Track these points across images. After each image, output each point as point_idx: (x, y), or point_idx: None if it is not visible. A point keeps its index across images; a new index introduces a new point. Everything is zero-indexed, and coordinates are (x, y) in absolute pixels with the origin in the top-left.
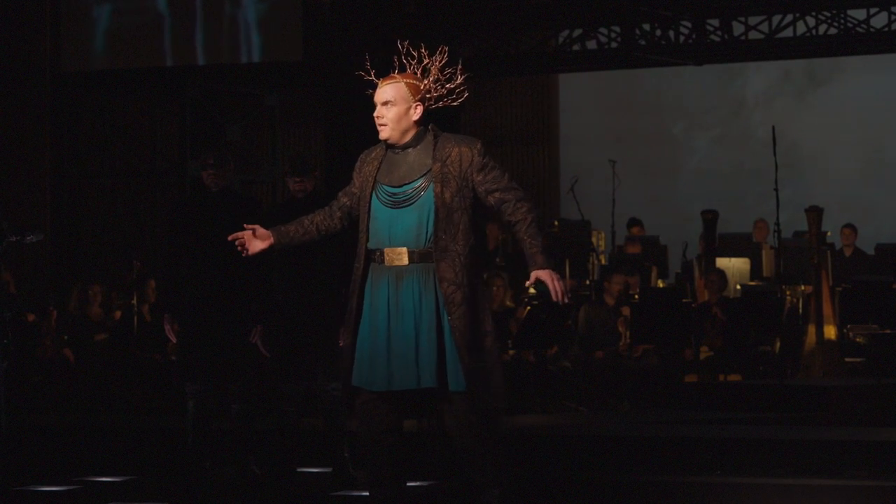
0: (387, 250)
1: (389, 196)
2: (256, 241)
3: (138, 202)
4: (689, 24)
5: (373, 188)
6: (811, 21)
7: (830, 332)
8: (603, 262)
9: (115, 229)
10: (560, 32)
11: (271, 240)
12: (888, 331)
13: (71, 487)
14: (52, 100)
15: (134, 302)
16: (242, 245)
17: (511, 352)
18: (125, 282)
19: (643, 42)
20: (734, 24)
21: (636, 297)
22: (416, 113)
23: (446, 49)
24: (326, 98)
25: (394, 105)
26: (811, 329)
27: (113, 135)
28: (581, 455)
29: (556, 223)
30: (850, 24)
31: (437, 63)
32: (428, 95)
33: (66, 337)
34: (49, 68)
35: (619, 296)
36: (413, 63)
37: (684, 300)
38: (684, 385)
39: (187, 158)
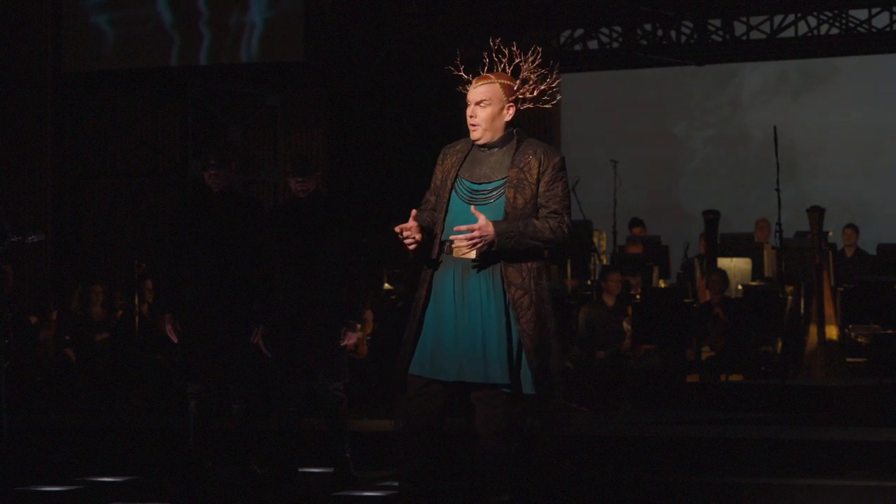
0: (457, 241)
1: (468, 191)
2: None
3: (140, 202)
4: (690, 24)
5: (454, 181)
6: (812, 21)
7: (832, 332)
8: (604, 262)
9: (117, 229)
10: (561, 32)
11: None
12: (890, 331)
13: (72, 487)
14: (53, 100)
15: (135, 302)
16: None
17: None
18: (127, 282)
19: (645, 42)
20: (735, 24)
21: (637, 297)
22: (509, 114)
23: (540, 49)
24: (328, 98)
25: (488, 105)
26: (813, 329)
27: (114, 135)
28: (582, 455)
29: None
30: (851, 24)
31: (530, 63)
32: (521, 96)
33: (67, 337)
34: (51, 69)
35: (620, 295)
36: (504, 62)
37: (686, 300)
38: (686, 385)
39: (189, 158)
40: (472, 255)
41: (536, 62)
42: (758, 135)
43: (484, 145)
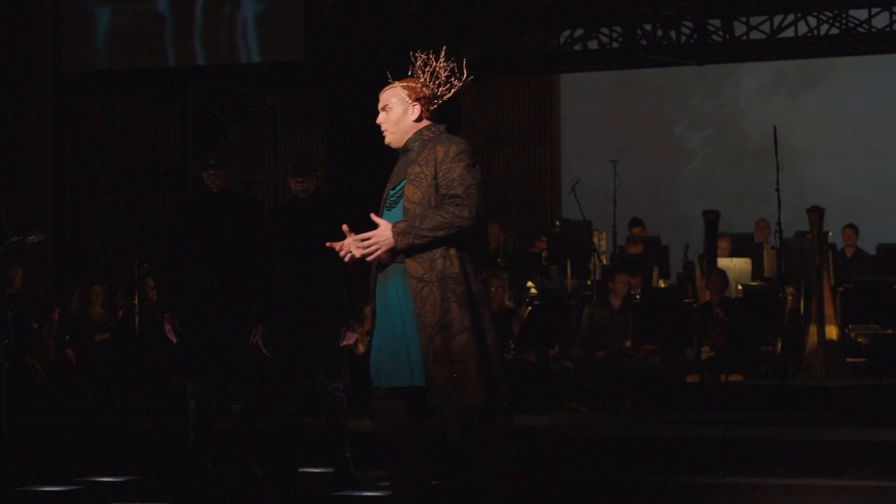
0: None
1: (387, 199)
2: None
3: (140, 202)
4: (690, 25)
5: (383, 193)
6: (812, 21)
7: (832, 332)
8: (604, 262)
9: (117, 229)
10: (561, 32)
11: None
12: (890, 331)
13: (72, 487)
14: (53, 100)
15: (136, 302)
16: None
17: (511, 352)
18: (127, 282)
19: (644, 42)
20: (735, 24)
21: (638, 297)
22: (415, 114)
23: (445, 49)
24: (328, 98)
25: (391, 109)
26: (813, 329)
27: (114, 135)
28: (583, 455)
29: (557, 223)
30: (851, 25)
31: (434, 62)
32: (424, 94)
33: (67, 337)
34: (51, 69)
35: (626, 296)
36: (418, 66)
37: (686, 300)
38: (686, 385)
39: (189, 158)
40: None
41: (445, 62)
42: (757, 135)
43: (402, 149)
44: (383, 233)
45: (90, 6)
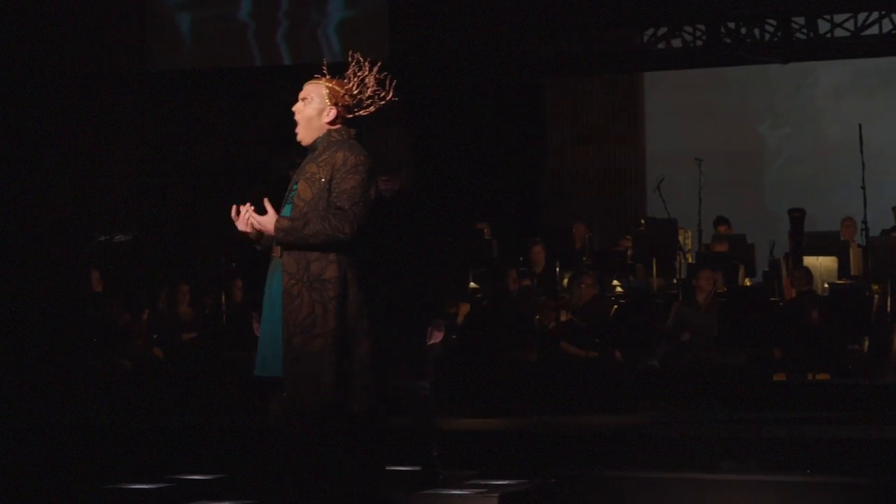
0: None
1: (289, 193)
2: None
3: (223, 201)
4: (774, 22)
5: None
6: None
7: None
8: (690, 260)
9: (201, 229)
10: (645, 31)
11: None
12: None
13: (161, 485)
14: (137, 99)
15: (222, 301)
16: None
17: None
18: (214, 281)
19: (728, 40)
20: (819, 21)
21: (722, 290)
22: (329, 116)
23: (379, 64)
24: (412, 96)
25: (309, 103)
26: None
27: (198, 134)
28: (669, 454)
29: (642, 222)
30: None
31: (366, 73)
32: (344, 100)
33: (155, 336)
34: (134, 68)
35: (711, 293)
36: (350, 71)
37: (772, 299)
38: (772, 384)
39: (273, 157)
40: (277, 254)
41: (373, 73)
42: (836, 133)
43: (308, 148)
44: (268, 222)
45: (173, 5)
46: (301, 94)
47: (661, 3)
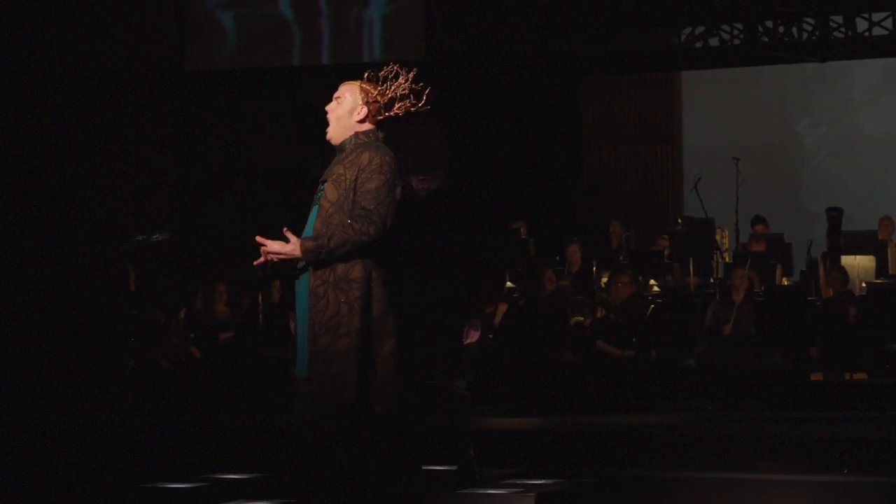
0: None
1: (316, 194)
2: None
3: (261, 201)
4: (812, 21)
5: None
6: None
7: None
8: (727, 259)
9: (239, 228)
10: (683, 30)
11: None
12: None
13: (197, 485)
14: (176, 99)
15: (259, 301)
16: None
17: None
18: (251, 281)
19: (766, 39)
20: (857, 20)
21: (761, 294)
22: (358, 115)
23: (415, 71)
24: (449, 96)
25: (340, 101)
26: None
27: (236, 134)
28: (705, 454)
29: (679, 221)
30: None
31: (402, 77)
32: (377, 101)
33: (192, 335)
34: (173, 68)
35: (748, 291)
36: (385, 72)
37: (809, 298)
38: (810, 383)
39: (311, 157)
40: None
41: (407, 77)
42: (874, 132)
43: (337, 147)
44: (292, 249)
45: (214, 6)
46: (336, 94)
47: (699, 2)
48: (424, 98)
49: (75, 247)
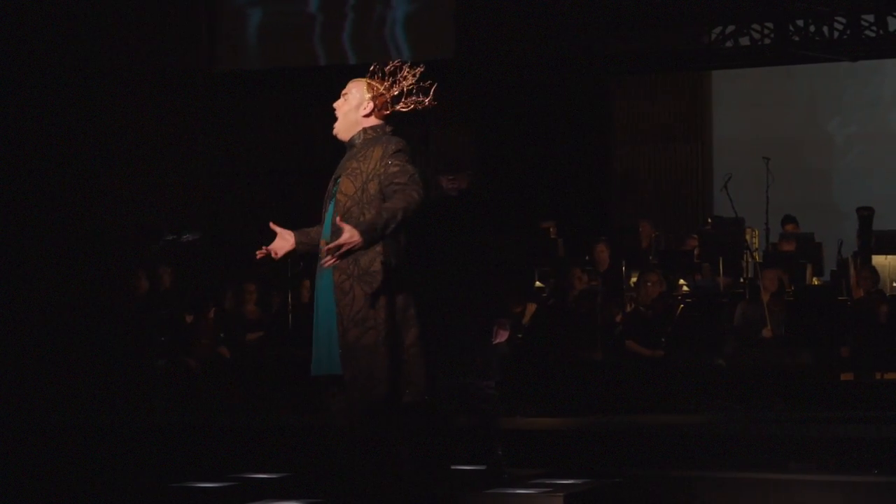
0: (321, 242)
1: (331, 191)
2: (281, 243)
3: (291, 200)
4: (843, 20)
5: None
6: None
7: None
8: (757, 259)
9: (269, 228)
10: (713, 29)
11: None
12: None
13: (226, 484)
14: (206, 100)
15: (289, 301)
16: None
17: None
18: (281, 281)
19: (797, 38)
20: (889, 18)
21: (790, 290)
22: (366, 109)
23: (422, 67)
24: (479, 95)
25: (348, 97)
26: None
27: (266, 133)
28: (735, 454)
29: (709, 220)
30: None
31: (407, 71)
32: (382, 96)
33: (221, 335)
34: (203, 69)
35: (776, 292)
36: (390, 68)
37: (840, 298)
38: (840, 383)
39: (339, 157)
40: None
41: (413, 73)
42: None
43: (346, 142)
44: (353, 238)
45: (242, 6)
46: (343, 91)
47: (730, 1)
48: (431, 94)
49: (105, 246)
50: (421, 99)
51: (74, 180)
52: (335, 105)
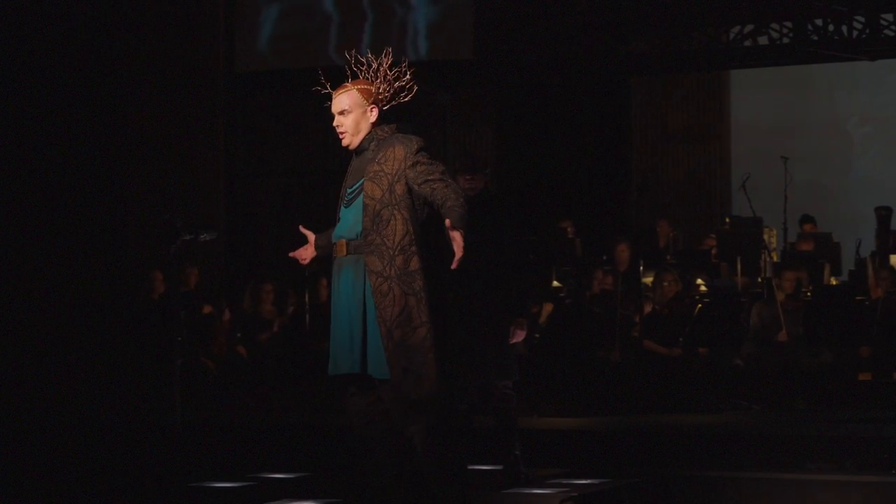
0: (336, 244)
1: (345, 196)
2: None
3: (310, 200)
4: (862, 19)
5: (339, 193)
6: None
7: None
8: (775, 259)
9: (287, 228)
10: (731, 28)
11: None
12: None
13: (244, 484)
14: (225, 100)
15: (306, 300)
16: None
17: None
18: (298, 280)
19: (816, 37)
20: None
21: (809, 294)
22: (372, 116)
23: (390, 50)
24: (497, 96)
25: (350, 112)
26: None
27: (285, 133)
28: (753, 453)
29: (727, 220)
30: None
31: (385, 64)
32: (380, 97)
33: (239, 335)
34: (223, 69)
35: (792, 293)
36: (364, 69)
37: (858, 297)
38: (858, 383)
39: None
40: (343, 252)
41: (389, 62)
42: None
43: (357, 150)
44: (460, 240)
45: (259, 6)
46: (337, 109)
47: (748, 0)
48: (410, 83)
49: (123, 245)
50: (403, 91)
51: (93, 180)
52: (336, 124)
